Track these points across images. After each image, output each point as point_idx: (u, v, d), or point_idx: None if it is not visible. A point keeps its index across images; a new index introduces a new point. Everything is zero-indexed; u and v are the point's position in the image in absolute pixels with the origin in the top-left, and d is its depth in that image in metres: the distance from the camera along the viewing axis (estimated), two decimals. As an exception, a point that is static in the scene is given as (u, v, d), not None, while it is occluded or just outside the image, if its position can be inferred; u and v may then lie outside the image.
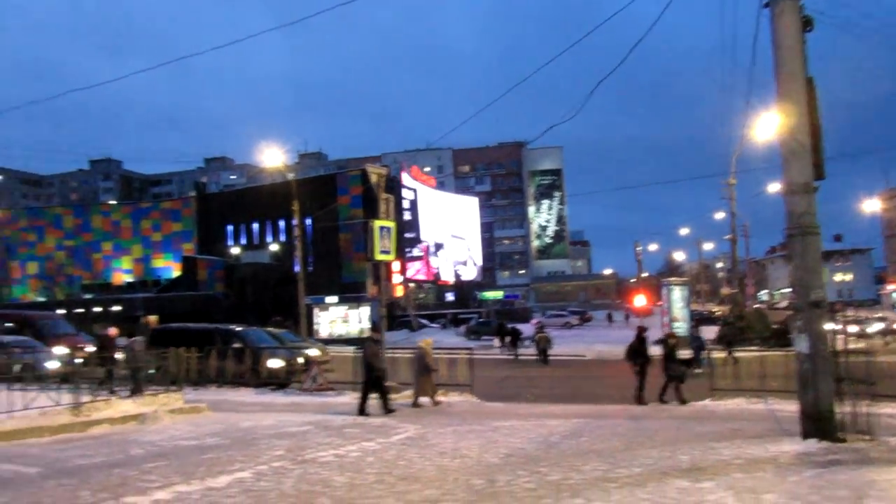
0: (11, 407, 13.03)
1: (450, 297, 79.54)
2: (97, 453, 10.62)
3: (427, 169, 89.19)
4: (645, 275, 78.78)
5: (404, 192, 68.88)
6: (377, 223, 17.61)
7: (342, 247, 61.06)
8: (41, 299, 67.97)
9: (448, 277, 77.97)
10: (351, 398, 17.84)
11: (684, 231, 77.46)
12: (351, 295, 48.30)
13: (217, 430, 12.86)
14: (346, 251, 60.77)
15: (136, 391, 15.78)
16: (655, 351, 18.38)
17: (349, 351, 24.63)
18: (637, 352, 17.44)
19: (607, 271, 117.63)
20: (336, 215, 59.64)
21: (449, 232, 77.75)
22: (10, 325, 26.95)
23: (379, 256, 17.67)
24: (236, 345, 21.69)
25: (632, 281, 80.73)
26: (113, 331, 19.21)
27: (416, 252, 70.22)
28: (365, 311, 44.94)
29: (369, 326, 35.97)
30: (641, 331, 17.80)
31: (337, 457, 10.05)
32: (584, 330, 52.77)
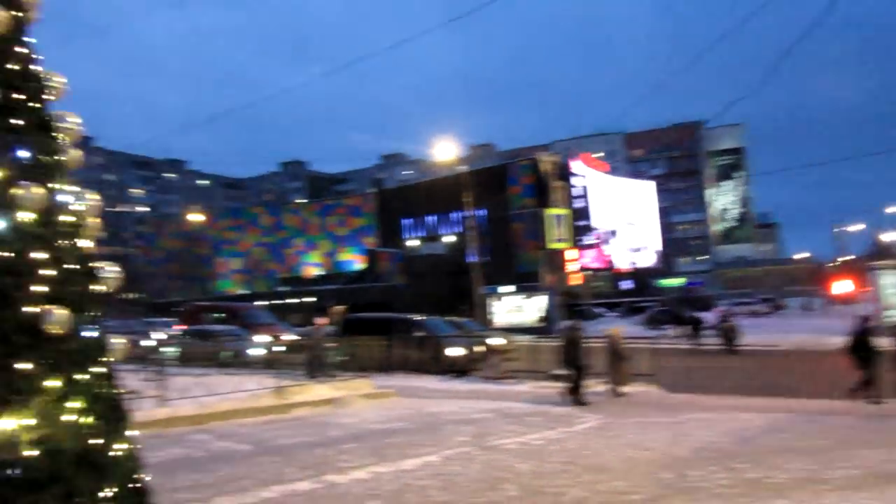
0: (224, 390, 14.39)
1: (626, 285, 77.39)
2: (298, 433, 11.46)
3: (598, 155, 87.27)
4: (847, 258, 71.80)
5: (575, 180, 67.85)
6: (550, 211, 17.47)
7: (515, 236, 61.36)
8: (243, 292, 74.56)
9: (623, 265, 75.85)
10: (530, 387, 17.88)
11: (893, 209, 69.47)
12: (526, 284, 48.39)
13: (404, 414, 13.40)
14: (519, 241, 60.98)
15: (314, 375, 16.82)
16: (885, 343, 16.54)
17: (526, 340, 24.68)
18: (861, 344, 15.76)
19: (800, 255, 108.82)
20: (508, 205, 60.01)
21: (623, 218, 75.57)
22: (219, 315, 29.77)
23: (553, 245, 17.53)
24: (418, 333, 22.48)
25: (831, 265, 74.02)
26: (321, 320, 20.47)
27: (588, 240, 69.01)
28: (540, 301, 44.84)
29: (543, 316, 35.85)
30: (864, 320, 16.03)
31: (521, 444, 10.11)
32: (775, 319, 49.22)
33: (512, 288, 47.97)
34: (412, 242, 68.33)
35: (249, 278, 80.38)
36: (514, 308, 45.28)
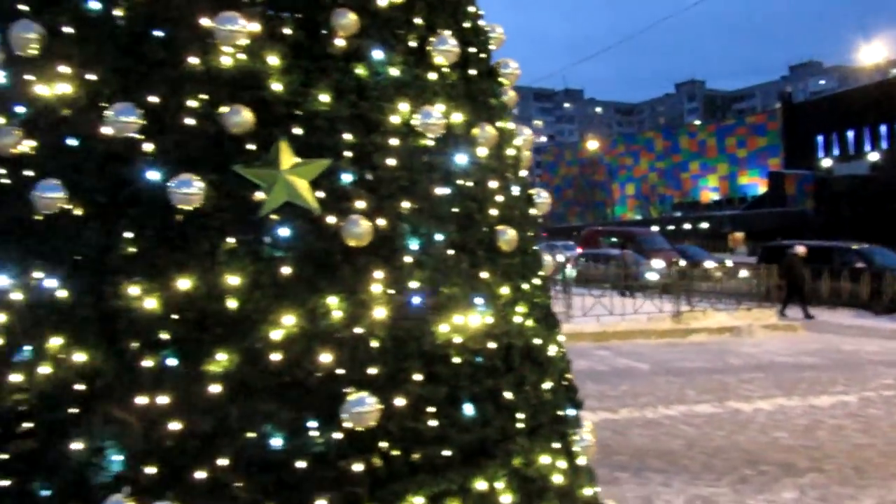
0: (623, 311, 15.00)
1: None
2: (697, 358, 11.48)
3: None
4: None
5: None
6: None
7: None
8: (637, 217, 75.17)
9: None
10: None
11: None
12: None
13: (813, 349, 12.45)
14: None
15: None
16: None
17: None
18: None
19: None
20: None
21: None
22: (616, 240, 30.69)
23: None
24: (858, 265, 20.02)
25: None
26: (801, 249, 19.06)
27: None
28: None
29: None
30: None
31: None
32: None
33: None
34: (826, 162, 60.86)
35: (644, 204, 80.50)
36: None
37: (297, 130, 2.47)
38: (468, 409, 2.61)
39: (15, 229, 2.52)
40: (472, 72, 3.00)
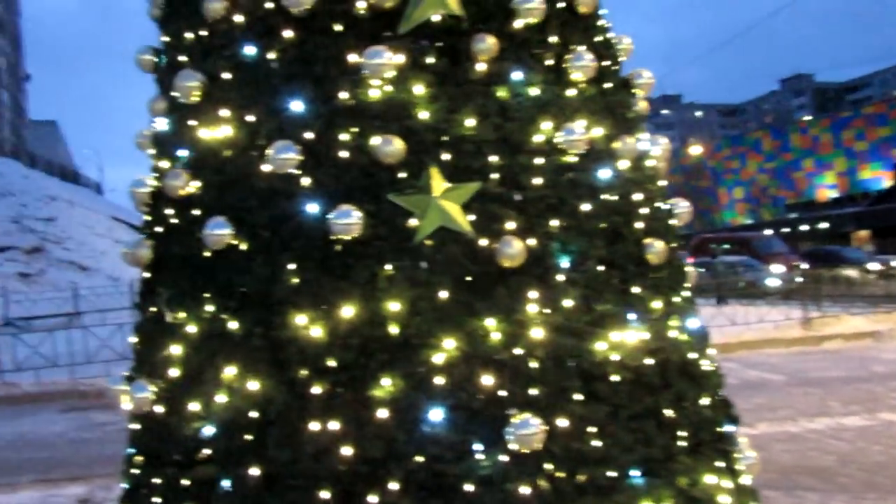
0: (746, 320, 14.34)
1: None
2: (834, 366, 10.80)
3: None
4: None
5: None
6: None
7: None
8: (748, 221, 71.98)
9: None
10: None
11: None
12: None
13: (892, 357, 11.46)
14: None
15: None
16: None
17: None
18: None
19: None
20: None
21: None
22: (729, 246, 29.50)
23: None
24: None
25: None
26: None
27: None
28: None
29: None
30: None
31: None
32: None
33: None
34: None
35: (754, 207, 77.02)
36: None
37: (446, 156, 2.51)
38: (629, 429, 2.55)
39: (186, 266, 2.68)
40: (608, 85, 2.97)
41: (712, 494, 2.70)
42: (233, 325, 2.53)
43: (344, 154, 2.50)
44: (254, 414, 2.44)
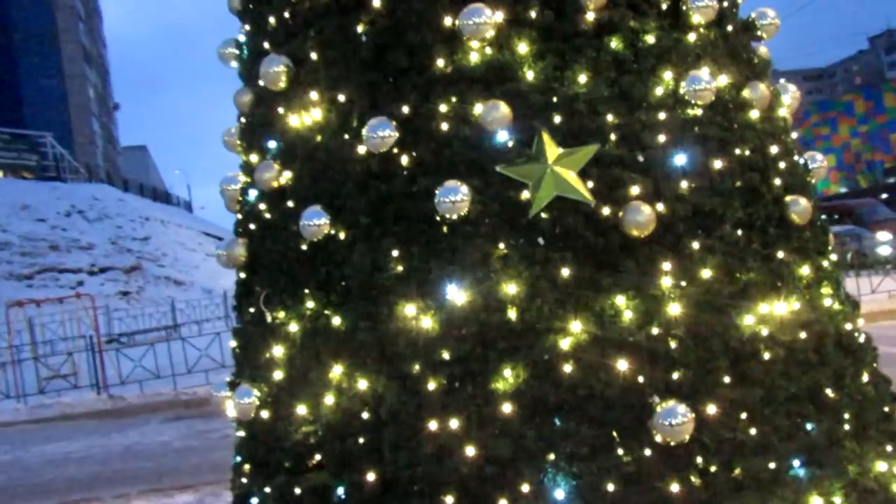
0: (857, 292, 13.40)
1: None
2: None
3: None
4: None
5: None
6: None
7: None
8: (842, 189, 68.29)
9: None
10: None
11: None
12: None
13: None
14: None
15: None
16: None
17: None
18: None
19: None
20: None
21: None
22: (831, 216, 27.93)
23: None
24: None
25: None
26: None
27: None
28: None
29: None
30: None
31: None
32: None
33: None
34: None
35: (848, 174, 73.03)
36: None
37: (557, 118, 2.25)
38: (787, 413, 2.23)
39: (283, 261, 2.52)
40: (730, 28, 2.63)
41: (887, 483, 2.35)
42: (336, 320, 2.34)
43: (444, 126, 2.27)
44: (365, 415, 2.25)
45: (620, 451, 2.06)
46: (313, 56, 2.49)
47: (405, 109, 2.31)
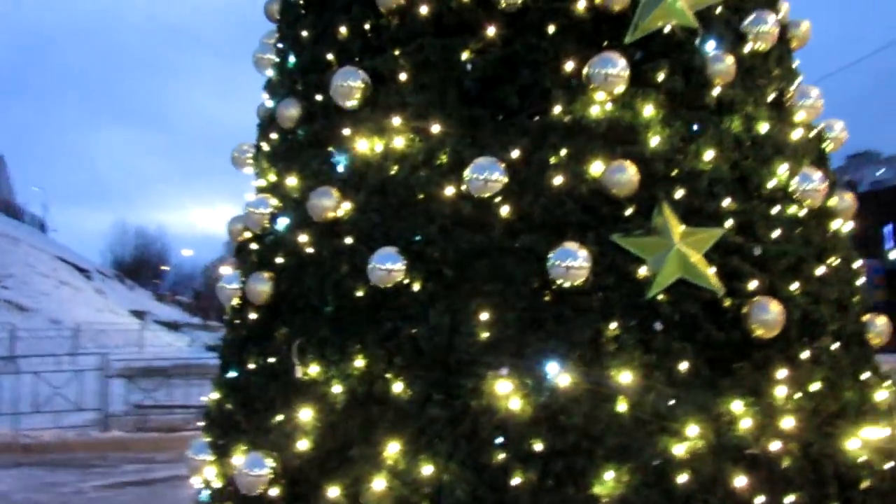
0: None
1: None
2: None
3: None
4: None
5: None
6: None
7: None
8: None
9: None
10: None
11: None
12: None
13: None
14: None
15: None
16: None
17: None
18: None
19: None
20: None
21: None
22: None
23: None
24: None
25: None
26: None
27: None
28: None
29: None
30: None
31: None
32: None
33: None
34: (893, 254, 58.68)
35: None
36: None
37: (679, 192, 2.03)
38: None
39: (328, 307, 2.11)
40: (812, 133, 2.55)
41: None
42: (398, 386, 1.94)
43: (558, 180, 1.99)
44: (425, 507, 1.84)
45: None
46: (402, 77, 2.16)
47: (515, 154, 2.01)
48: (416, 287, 1.99)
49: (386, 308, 2.01)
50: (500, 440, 1.84)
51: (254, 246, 2.43)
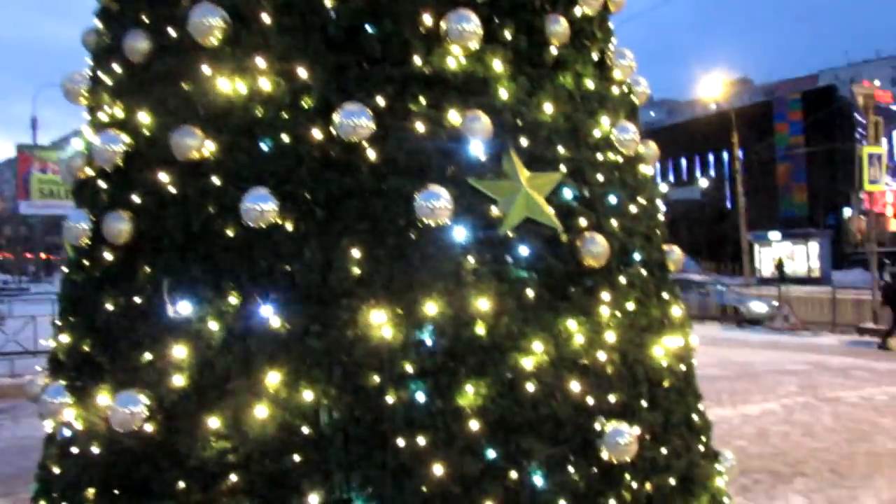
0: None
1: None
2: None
3: (877, 83, 76.58)
4: None
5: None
6: (866, 150, 15.97)
7: (780, 179, 56.60)
8: None
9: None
10: (834, 339, 16.77)
11: None
12: (796, 231, 44.75)
13: (711, 361, 13.29)
14: (785, 183, 56.15)
15: None
16: None
17: (802, 291, 23.01)
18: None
19: None
20: (772, 145, 55.39)
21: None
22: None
23: (868, 187, 16.06)
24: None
25: None
26: None
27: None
28: (812, 248, 41.31)
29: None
30: None
31: (863, 399, 9.64)
32: None
33: (778, 235, 44.72)
34: (663, 188, 65.60)
35: None
36: (784, 256, 42.20)
37: (524, 141, 2.29)
38: (677, 435, 2.52)
39: (197, 246, 2.14)
40: (625, 88, 2.93)
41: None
42: (276, 321, 2.05)
43: (420, 127, 2.16)
44: (306, 430, 2.00)
45: (572, 470, 2.13)
46: (264, 18, 2.18)
47: (380, 102, 2.15)
48: (289, 227, 2.09)
49: (259, 247, 2.08)
50: (374, 365, 2.02)
51: (102, 184, 2.36)
